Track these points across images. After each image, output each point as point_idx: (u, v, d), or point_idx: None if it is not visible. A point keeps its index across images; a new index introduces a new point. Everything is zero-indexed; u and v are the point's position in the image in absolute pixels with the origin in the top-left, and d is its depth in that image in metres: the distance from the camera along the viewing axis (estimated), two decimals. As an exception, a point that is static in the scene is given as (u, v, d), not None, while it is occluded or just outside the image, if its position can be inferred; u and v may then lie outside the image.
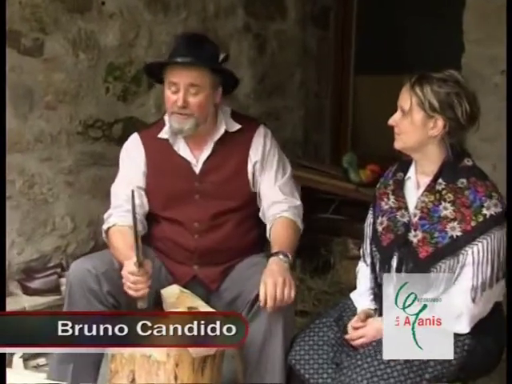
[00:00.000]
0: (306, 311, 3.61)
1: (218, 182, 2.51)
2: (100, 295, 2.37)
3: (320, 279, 3.93)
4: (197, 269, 2.53)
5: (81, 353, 2.37)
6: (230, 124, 2.55)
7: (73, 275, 2.40)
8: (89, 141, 3.64)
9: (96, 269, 2.37)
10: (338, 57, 4.84)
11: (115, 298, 2.38)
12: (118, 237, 2.44)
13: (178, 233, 2.52)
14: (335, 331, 2.25)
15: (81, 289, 2.36)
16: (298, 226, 2.51)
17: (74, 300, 2.38)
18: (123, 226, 2.45)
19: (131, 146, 2.60)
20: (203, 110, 2.45)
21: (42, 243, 3.53)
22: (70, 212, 3.61)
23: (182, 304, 2.26)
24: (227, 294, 2.50)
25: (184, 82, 2.40)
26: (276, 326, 2.28)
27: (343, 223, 4.07)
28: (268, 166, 2.55)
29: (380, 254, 2.26)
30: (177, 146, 2.54)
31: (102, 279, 2.37)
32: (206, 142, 2.53)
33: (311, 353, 2.22)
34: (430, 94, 2.14)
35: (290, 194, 2.56)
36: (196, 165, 2.53)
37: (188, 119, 2.44)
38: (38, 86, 3.43)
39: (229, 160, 2.53)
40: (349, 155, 4.11)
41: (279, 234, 2.46)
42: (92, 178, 3.66)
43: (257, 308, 2.29)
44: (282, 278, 2.24)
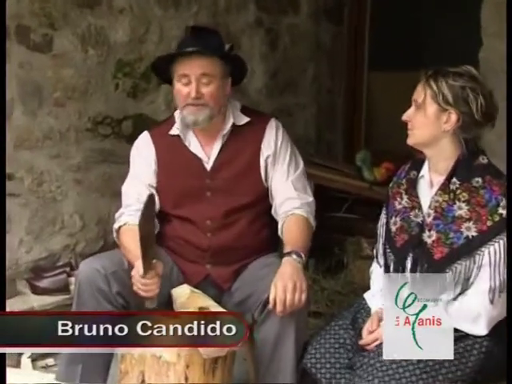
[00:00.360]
0: (319, 312, 3.61)
1: (229, 178, 2.52)
2: (109, 295, 2.38)
3: (333, 279, 3.93)
4: (209, 268, 2.54)
5: (90, 353, 2.39)
6: (239, 117, 2.56)
7: (82, 275, 2.41)
8: (98, 138, 3.66)
9: (105, 269, 2.39)
10: (351, 52, 4.84)
11: (124, 298, 2.39)
12: (128, 236, 2.44)
13: (189, 231, 2.53)
14: (351, 334, 2.25)
15: (90, 289, 2.37)
16: (310, 224, 2.51)
17: (82, 300, 2.39)
18: (134, 225, 2.45)
19: (141, 144, 2.61)
20: (216, 99, 2.46)
21: (51, 242, 3.55)
22: (79, 210, 3.63)
23: (193, 304, 2.27)
24: (239, 294, 2.50)
25: (195, 72, 2.42)
26: (288, 327, 2.28)
27: (357, 222, 4.07)
28: (280, 160, 2.56)
29: (394, 254, 2.26)
30: (188, 141, 2.56)
31: (111, 279, 2.38)
32: (215, 137, 2.54)
33: (327, 356, 2.22)
34: (445, 87, 2.14)
35: (303, 190, 2.56)
36: (207, 162, 2.54)
37: (203, 110, 2.45)
38: (47, 83, 3.45)
39: (240, 155, 2.54)
40: (362, 153, 4.11)
41: (292, 232, 2.46)
42: (101, 175, 3.68)
43: (269, 309, 2.29)
44: (293, 282, 2.23)
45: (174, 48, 2.71)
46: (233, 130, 2.54)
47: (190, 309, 2.24)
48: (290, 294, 2.22)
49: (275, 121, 2.60)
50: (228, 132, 2.54)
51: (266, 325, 2.31)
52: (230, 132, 2.54)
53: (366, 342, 2.20)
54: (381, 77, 4.75)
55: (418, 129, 2.20)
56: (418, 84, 2.20)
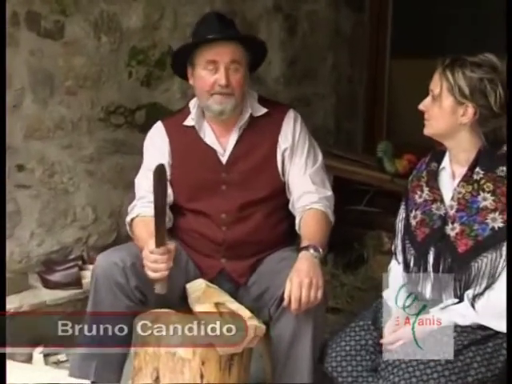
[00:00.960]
0: (338, 308, 3.62)
1: (245, 172, 2.53)
2: (127, 290, 2.39)
3: (353, 274, 3.93)
4: (224, 262, 2.56)
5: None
6: (256, 108, 2.56)
7: (99, 268, 2.42)
8: (110, 128, 3.68)
9: (123, 262, 2.39)
10: (372, 39, 4.82)
11: (143, 292, 2.40)
12: (141, 227, 2.47)
13: (204, 225, 2.54)
14: (373, 336, 2.23)
15: (107, 283, 2.38)
16: (328, 218, 2.52)
17: (99, 295, 2.40)
18: (146, 216, 2.48)
19: (155, 134, 2.62)
20: (242, 89, 2.48)
21: (63, 234, 3.58)
22: (91, 202, 3.65)
23: (208, 299, 2.28)
24: (255, 288, 2.51)
25: (225, 59, 2.42)
26: (305, 324, 2.29)
27: (377, 216, 4.07)
28: (298, 153, 2.56)
29: (415, 249, 2.25)
30: (203, 133, 2.56)
31: (129, 273, 2.39)
32: (231, 129, 2.55)
33: (348, 359, 2.20)
34: (462, 79, 2.12)
35: (321, 184, 2.56)
36: (223, 154, 2.55)
37: (230, 99, 2.46)
38: (58, 71, 3.47)
39: (257, 147, 2.54)
40: (384, 144, 4.10)
41: (309, 226, 2.47)
42: (114, 166, 3.70)
43: (284, 305, 2.29)
44: (309, 278, 2.24)
45: (188, 35, 2.71)
46: (249, 122, 2.54)
47: (206, 304, 2.25)
48: (306, 290, 2.22)
49: (293, 112, 2.60)
50: (245, 123, 2.54)
51: (282, 321, 2.32)
52: (246, 123, 2.54)
53: (388, 342, 2.19)
54: (403, 65, 4.73)
55: (434, 120, 2.19)
56: (435, 73, 2.19)
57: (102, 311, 2.39)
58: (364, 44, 4.82)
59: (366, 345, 2.21)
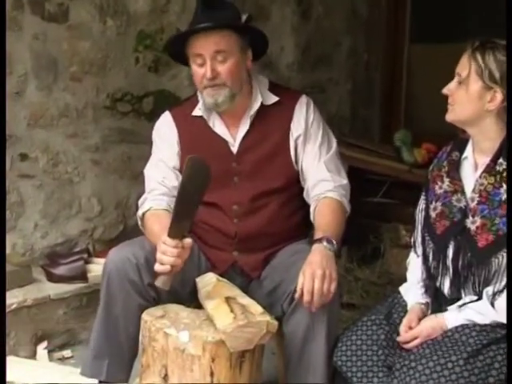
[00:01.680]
0: (353, 304, 3.62)
1: (257, 162, 2.53)
2: (140, 287, 2.38)
3: (368, 269, 3.93)
4: (237, 255, 2.56)
5: (118, 347, 2.42)
6: (267, 96, 2.56)
7: (111, 264, 2.40)
8: (117, 116, 3.69)
9: (136, 257, 2.39)
10: (390, 23, 4.81)
11: (156, 289, 2.38)
12: (153, 220, 2.46)
13: (216, 217, 2.55)
14: (386, 330, 2.23)
15: (120, 280, 2.38)
16: (344, 208, 2.51)
17: (111, 292, 2.40)
18: (159, 210, 2.48)
19: (163, 125, 2.62)
20: (235, 77, 2.45)
21: (67, 226, 3.59)
22: (97, 193, 3.67)
23: (219, 293, 2.28)
24: (267, 282, 2.52)
25: (208, 50, 2.41)
26: (319, 320, 2.29)
27: (394, 207, 4.06)
28: (311, 139, 2.56)
29: (434, 243, 2.25)
30: (212, 123, 2.56)
31: (142, 269, 2.38)
32: (242, 118, 2.55)
33: (359, 354, 2.21)
34: (492, 63, 2.11)
35: (336, 172, 2.56)
36: (233, 144, 2.55)
37: (221, 90, 2.45)
38: (63, 56, 3.47)
39: (268, 136, 2.54)
40: (401, 132, 4.09)
41: (324, 216, 2.46)
42: (120, 156, 3.71)
43: (296, 299, 2.30)
44: (322, 270, 2.23)
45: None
46: (260, 110, 2.54)
47: (216, 298, 2.26)
48: (319, 282, 2.21)
49: (306, 97, 2.60)
50: (255, 112, 2.54)
51: (295, 317, 2.32)
52: (257, 112, 2.54)
53: (405, 339, 2.19)
54: (423, 49, 4.71)
55: (458, 105, 2.18)
56: (463, 56, 2.17)
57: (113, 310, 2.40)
58: (381, 28, 4.81)
59: (378, 340, 2.21)
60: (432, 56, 4.55)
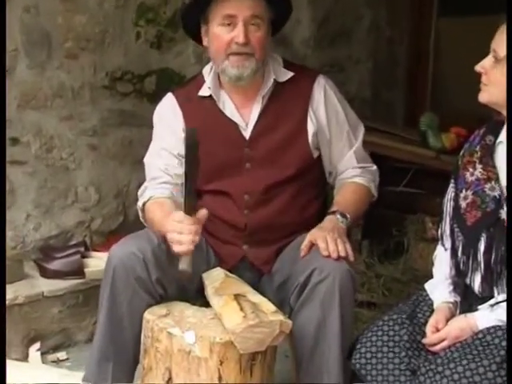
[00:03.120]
0: (374, 302, 3.63)
1: (271, 147, 2.53)
2: (148, 284, 2.39)
3: (391, 264, 3.94)
4: (247, 249, 2.57)
5: (122, 350, 2.41)
6: (281, 73, 2.56)
7: (116, 260, 2.40)
8: (116, 97, 3.69)
9: (143, 252, 2.38)
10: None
11: (163, 286, 2.40)
12: (155, 208, 2.48)
13: (225, 208, 2.55)
14: (409, 331, 2.23)
15: (126, 277, 2.37)
16: (370, 192, 2.60)
17: (116, 291, 2.39)
18: (160, 198, 2.49)
19: (165, 108, 2.62)
20: (263, 48, 2.47)
21: (63, 217, 3.60)
22: (95, 181, 3.67)
23: (227, 290, 2.29)
24: (278, 276, 2.53)
25: (244, 12, 2.41)
26: (331, 314, 2.30)
27: (420, 197, 4.06)
28: (339, 126, 2.58)
29: (464, 235, 2.25)
30: (221, 104, 2.56)
31: (150, 264, 2.38)
32: (253, 98, 2.55)
33: (379, 356, 2.21)
34: None
35: (365, 159, 2.65)
36: (245, 128, 2.55)
37: (249, 61, 2.45)
38: (57, 31, 3.47)
39: (284, 118, 2.54)
40: (428, 115, 4.08)
41: (344, 195, 2.54)
42: (120, 140, 3.72)
43: (308, 293, 2.32)
44: (333, 234, 2.32)
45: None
46: (274, 89, 2.54)
47: (224, 296, 2.26)
48: (332, 244, 2.30)
49: (323, 78, 2.60)
50: (269, 91, 2.54)
51: (305, 312, 2.33)
52: (270, 91, 2.54)
53: (431, 342, 2.19)
54: (452, 23, 4.69)
55: (493, 85, 2.16)
56: (500, 28, 2.15)
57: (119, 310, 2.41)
58: (406, 0, 4.79)
59: (401, 341, 2.21)
60: (462, 30, 4.53)
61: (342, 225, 2.41)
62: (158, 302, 2.40)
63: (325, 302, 2.29)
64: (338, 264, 2.31)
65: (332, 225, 2.40)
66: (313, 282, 2.31)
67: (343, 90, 2.67)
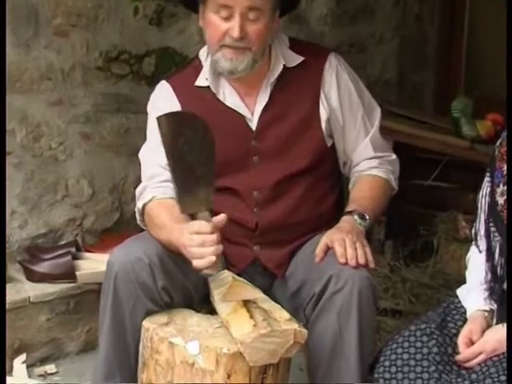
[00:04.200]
0: (399, 310, 3.63)
1: (281, 137, 2.55)
2: (154, 291, 2.39)
3: (418, 268, 3.94)
4: (258, 250, 2.59)
5: (128, 363, 2.42)
6: (289, 57, 2.57)
7: (118, 265, 2.40)
8: (111, 79, 3.70)
9: (149, 256, 2.38)
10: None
11: (170, 293, 2.41)
12: (160, 211, 2.46)
13: (232, 206, 2.55)
14: (439, 342, 2.24)
15: (130, 284, 2.37)
16: (390, 186, 2.60)
17: (118, 297, 2.40)
18: (164, 199, 2.49)
19: (161, 98, 2.63)
20: (262, 41, 2.48)
21: (51, 214, 3.61)
22: (88, 173, 3.68)
23: (236, 295, 2.29)
24: (292, 282, 2.54)
25: (240, 4, 2.42)
26: (348, 326, 2.31)
27: (451, 193, 4.06)
28: (353, 110, 2.59)
29: (501, 235, 2.25)
30: (222, 94, 2.57)
31: (156, 270, 2.38)
32: (259, 86, 2.56)
33: (406, 370, 2.22)
34: None
35: (383, 147, 2.64)
36: (251, 119, 2.56)
37: (244, 55, 2.46)
38: (45, 6, 3.47)
39: (294, 106, 2.55)
40: (461, 100, 4.08)
41: (361, 191, 2.54)
42: (116, 128, 3.73)
43: (324, 303, 2.33)
44: (351, 237, 2.32)
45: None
46: (282, 74, 2.55)
47: (232, 302, 2.27)
48: (351, 248, 2.32)
49: (335, 56, 2.61)
50: (276, 78, 2.55)
51: (321, 323, 2.35)
52: (278, 77, 2.55)
53: (465, 358, 2.19)
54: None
55: None
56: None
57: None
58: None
59: (430, 353, 2.22)
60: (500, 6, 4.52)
61: (360, 227, 2.42)
62: (163, 311, 2.41)
63: (341, 314, 2.31)
64: (357, 271, 2.33)
65: (350, 226, 2.40)
66: (329, 291, 2.33)
67: (365, 72, 2.68)
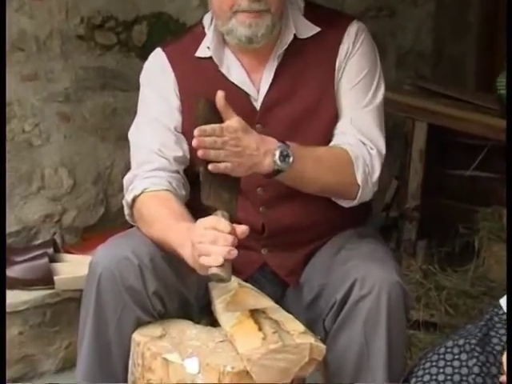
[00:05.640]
0: (434, 323, 3.65)
1: (290, 121, 2.55)
2: (143, 297, 2.38)
3: (457, 273, 3.95)
4: (266, 254, 2.60)
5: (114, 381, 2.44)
6: (303, 26, 2.58)
7: (103, 266, 2.39)
8: (96, 50, 3.71)
9: (138, 256, 2.38)
10: None
11: (163, 300, 2.41)
12: (154, 206, 2.46)
13: None
14: (480, 361, 2.24)
15: (115, 288, 2.37)
16: (350, 173, 2.49)
17: (102, 304, 2.39)
18: (159, 191, 2.50)
19: (154, 69, 2.64)
20: (281, 3, 2.49)
21: (25, 208, 3.64)
22: (68, 161, 3.70)
23: (241, 304, 2.31)
24: (307, 290, 2.55)
25: None
26: (375, 339, 2.32)
27: (496, 184, 4.06)
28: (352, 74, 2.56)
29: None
30: (226, 68, 2.58)
31: (146, 272, 2.37)
32: (266, 59, 2.57)
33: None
34: None
35: (368, 135, 2.55)
36: (256, 97, 2.58)
37: (262, 18, 2.46)
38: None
39: (305, 84, 2.56)
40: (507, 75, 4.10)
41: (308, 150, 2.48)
42: (101, 108, 3.75)
43: (347, 313, 2.34)
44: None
45: None
46: (292, 46, 2.56)
47: (238, 312, 2.28)
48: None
49: (357, 24, 2.61)
50: (284, 50, 2.55)
51: (343, 336, 2.36)
52: (287, 49, 2.55)
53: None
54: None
55: None
56: None
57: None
58: None
59: (470, 374, 2.23)
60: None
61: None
62: (155, 321, 2.41)
63: (368, 325, 2.31)
64: (386, 274, 2.33)
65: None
66: (353, 298, 2.33)
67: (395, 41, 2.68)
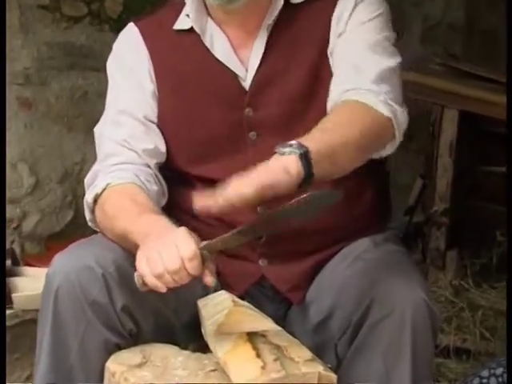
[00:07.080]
0: (467, 349, 3.65)
1: (286, 103, 2.55)
2: (110, 313, 2.38)
3: (494, 289, 3.96)
4: (264, 266, 2.61)
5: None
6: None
7: (61, 277, 2.39)
8: (62, 23, 3.72)
9: (102, 265, 2.38)
10: None
11: (134, 318, 2.41)
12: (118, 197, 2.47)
13: None
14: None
15: (77, 303, 2.36)
16: (377, 116, 2.41)
17: (60, 323, 2.39)
18: (124, 184, 2.51)
19: (125, 47, 2.66)
20: None
21: (-22, 212, 3.65)
22: (29, 155, 3.71)
23: (237, 326, 2.30)
24: (316, 308, 2.55)
25: None
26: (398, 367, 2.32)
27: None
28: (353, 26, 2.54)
29: None
30: (209, 40, 2.57)
31: (112, 284, 2.37)
32: (257, 31, 2.57)
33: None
34: None
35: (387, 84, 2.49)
36: (245, 76, 2.57)
37: None
38: None
39: (301, 58, 2.56)
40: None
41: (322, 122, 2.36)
42: (68, 92, 3.76)
43: (364, 337, 2.34)
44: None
45: None
46: (284, 14, 2.56)
47: (232, 335, 2.28)
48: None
49: None
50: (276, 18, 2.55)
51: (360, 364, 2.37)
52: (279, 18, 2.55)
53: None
54: None
55: None
56: None
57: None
58: None
59: None
60: None
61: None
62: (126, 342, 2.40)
63: (389, 352, 2.32)
64: (409, 291, 2.33)
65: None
66: (371, 320, 2.33)
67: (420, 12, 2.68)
